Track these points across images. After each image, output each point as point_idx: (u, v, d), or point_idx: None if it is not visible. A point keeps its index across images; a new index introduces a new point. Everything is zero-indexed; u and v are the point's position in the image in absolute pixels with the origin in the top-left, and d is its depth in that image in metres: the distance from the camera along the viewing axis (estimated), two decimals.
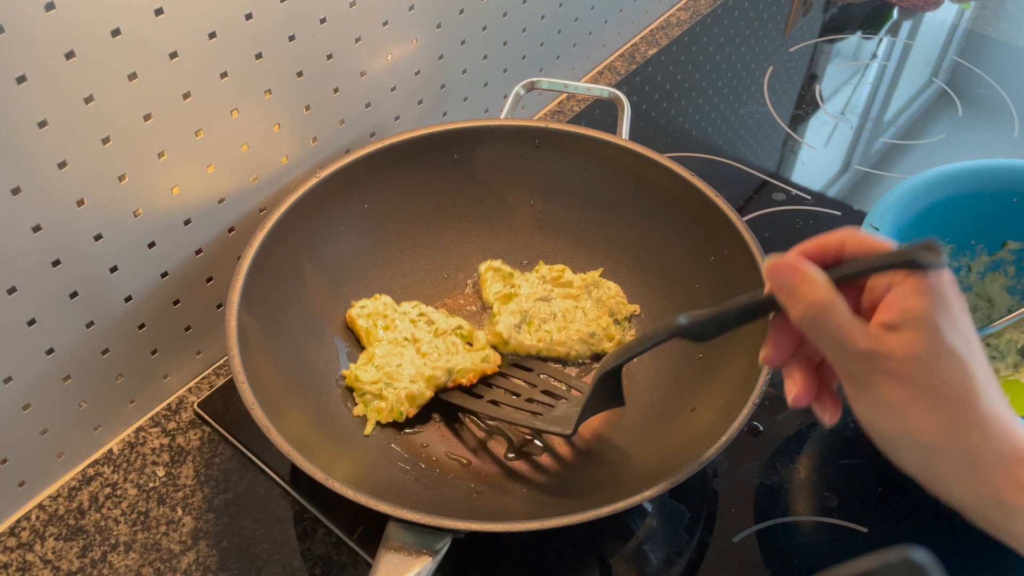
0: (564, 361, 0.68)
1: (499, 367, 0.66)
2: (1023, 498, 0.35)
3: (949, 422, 0.36)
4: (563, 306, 0.69)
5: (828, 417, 0.43)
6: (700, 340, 0.45)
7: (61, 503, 0.61)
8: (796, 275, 0.39)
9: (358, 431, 0.62)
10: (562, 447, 0.63)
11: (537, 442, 0.63)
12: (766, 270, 0.41)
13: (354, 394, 0.64)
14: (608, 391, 0.56)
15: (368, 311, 0.66)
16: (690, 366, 0.65)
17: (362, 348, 0.66)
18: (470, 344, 0.67)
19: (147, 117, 0.54)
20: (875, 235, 0.40)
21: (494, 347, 0.67)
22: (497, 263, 0.72)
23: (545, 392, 0.64)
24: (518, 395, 0.64)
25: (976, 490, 0.36)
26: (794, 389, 0.43)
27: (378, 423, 0.62)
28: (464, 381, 0.64)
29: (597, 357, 0.69)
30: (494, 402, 0.63)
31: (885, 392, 0.37)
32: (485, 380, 0.65)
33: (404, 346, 0.65)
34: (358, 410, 0.63)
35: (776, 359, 0.43)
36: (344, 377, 0.64)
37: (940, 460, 0.37)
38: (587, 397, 0.55)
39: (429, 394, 0.63)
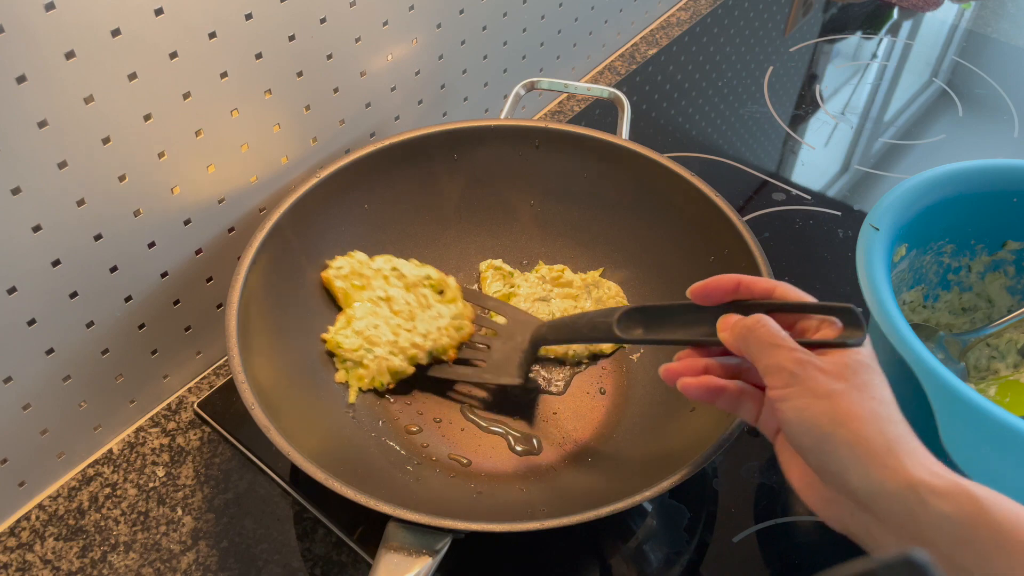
0: (563, 361, 0.68)
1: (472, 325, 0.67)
2: (935, 482, 0.37)
3: (874, 412, 0.39)
4: (562, 306, 0.70)
5: (690, 386, 0.47)
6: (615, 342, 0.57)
7: (61, 503, 0.61)
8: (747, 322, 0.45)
9: (359, 431, 0.62)
10: (562, 447, 0.63)
11: (535, 442, 0.63)
12: (715, 279, 0.47)
13: (335, 360, 0.64)
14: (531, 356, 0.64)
15: (344, 272, 0.66)
16: None
17: (338, 309, 0.67)
18: (440, 292, 0.67)
19: (147, 117, 0.54)
20: (799, 291, 0.46)
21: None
22: (497, 262, 0.72)
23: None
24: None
25: (892, 475, 0.38)
26: (671, 367, 0.49)
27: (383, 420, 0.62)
28: (446, 358, 0.65)
29: (595, 357, 0.69)
30: (464, 362, 0.66)
31: (817, 384, 0.40)
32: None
33: (380, 306, 0.65)
34: (340, 376, 0.64)
35: (680, 372, 0.48)
36: (325, 341, 0.64)
37: (863, 445, 0.39)
38: (525, 354, 0.63)
39: (411, 370, 0.64)
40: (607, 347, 0.68)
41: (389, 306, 0.65)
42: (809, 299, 0.45)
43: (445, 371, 0.65)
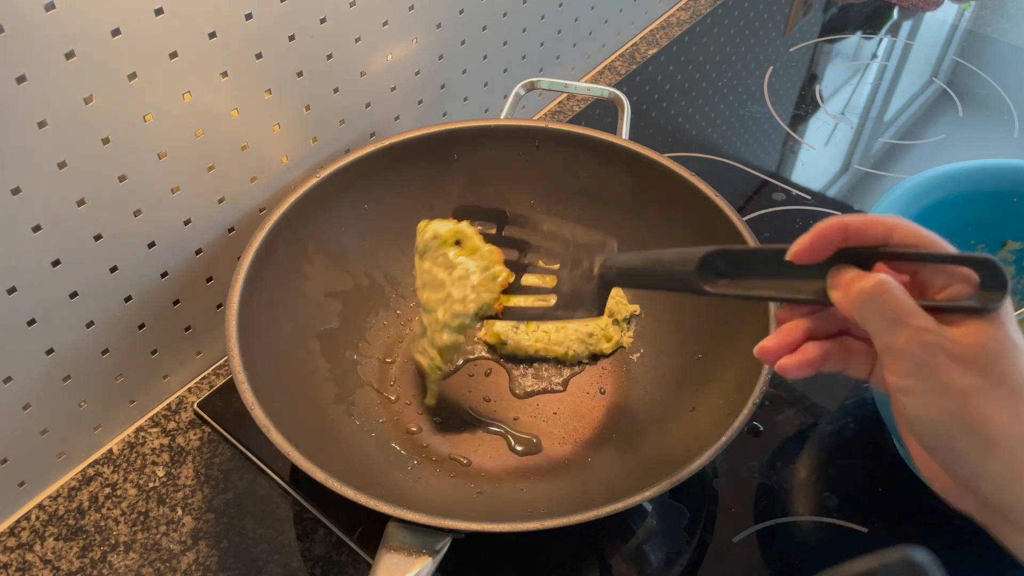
0: (563, 361, 0.68)
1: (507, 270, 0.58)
2: None
3: (1014, 414, 0.35)
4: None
5: (788, 366, 0.40)
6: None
7: (61, 503, 0.61)
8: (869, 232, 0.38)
9: (358, 431, 0.62)
10: (561, 447, 0.63)
11: (534, 441, 0.63)
12: (818, 231, 0.39)
13: (426, 379, 0.62)
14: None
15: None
16: (690, 366, 0.65)
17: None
18: (458, 244, 0.60)
19: (147, 117, 0.54)
20: (923, 229, 0.38)
21: (492, 346, 0.68)
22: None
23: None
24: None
25: None
26: (767, 343, 0.41)
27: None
28: (494, 312, 0.58)
29: (595, 357, 0.69)
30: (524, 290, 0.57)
31: (947, 378, 0.35)
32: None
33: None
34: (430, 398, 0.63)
35: (779, 351, 0.41)
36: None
37: (999, 454, 0.34)
38: (597, 285, 0.52)
39: (462, 339, 0.59)
40: (607, 347, 0.68)
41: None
42: (935, 244, 0.38)
43: (515, 314, 0.57)
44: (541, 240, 0.58)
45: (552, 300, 0.55)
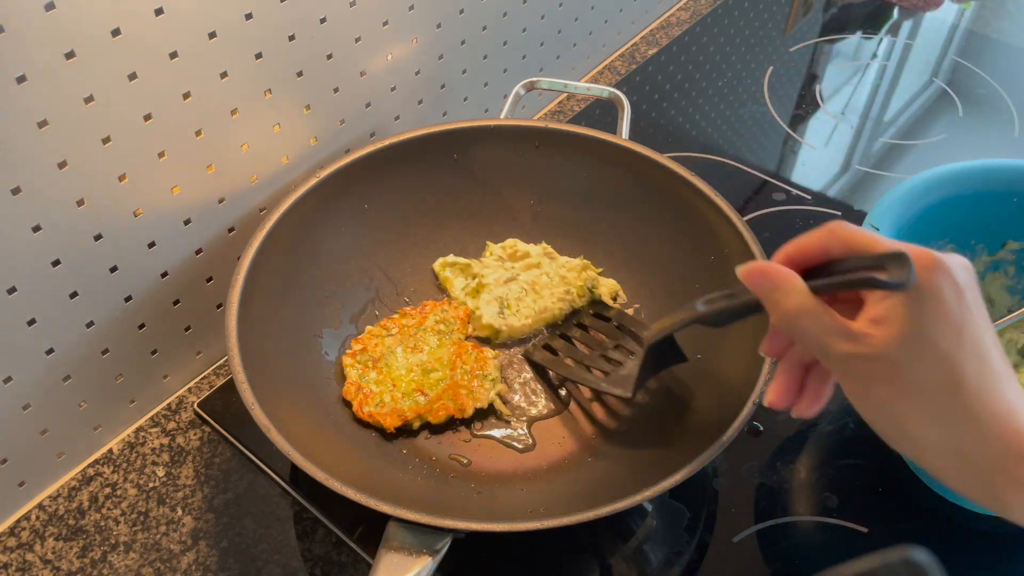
0: (556, 324, 0.69)
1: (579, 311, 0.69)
2: (1019, 495, 0.35)
3: (936, 419, 0.36)
4: (529, 278, 0.70)
5: (801, 410, 0.43)
6: (715, 326, 0.47)
7: (61, 503, 0.61)
8: (768, 282, 0.40)
9: (358, 431, 0.62)
10: (562, 447, 0.63)
11: (533, 441, 0.63)
12: (741, 275, 0.41)
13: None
14: (663, 355, 0.57)
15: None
16: (690, 366, 0.64)
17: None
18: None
19: (147, 117, 0.54)
20: (861, 231, 0.39)
21: (485, 338, 0.69)
22: (450, 258, 0.72)
23: (617, 347, 0.66)
24: (591, 348, 0.66)
25: (971, 486, 0.36)
26: (771, 393, 0.44)
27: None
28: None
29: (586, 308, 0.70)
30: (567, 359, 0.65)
31: (873, 393, 0.37)
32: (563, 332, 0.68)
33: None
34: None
35: (773, 351, 0.45)
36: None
37: (933, 456, 0.37)
38: (641, 364, 0.56)
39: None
40: (583, 301, 0.70)
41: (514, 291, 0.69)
42: (870, 244, 0.39)
43: (564, 369, 0.65)
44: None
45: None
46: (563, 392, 0.66)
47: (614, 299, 0.71)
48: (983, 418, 0.36)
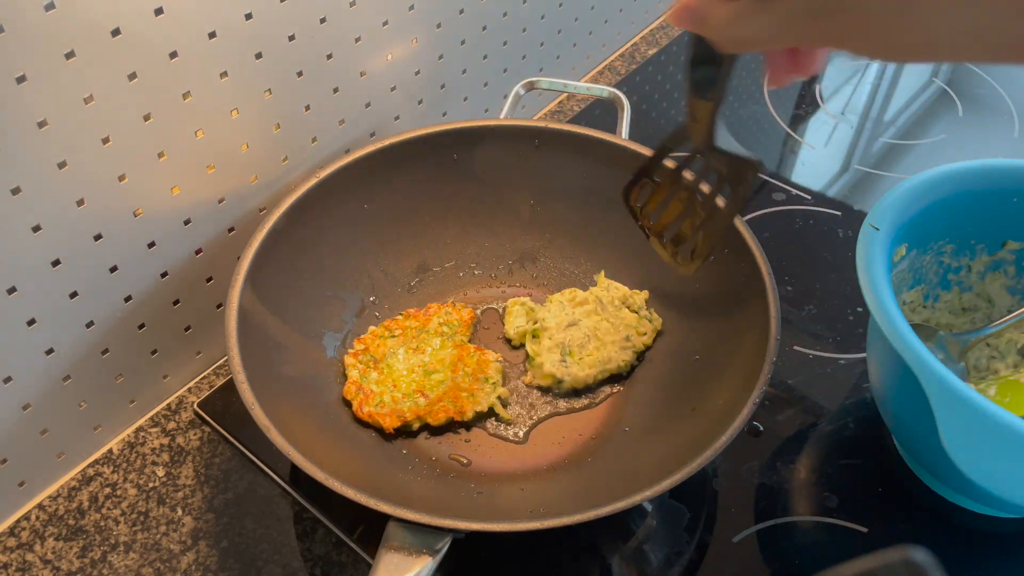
0: (619, 376, 0.67)
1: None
2: None
3: None
4: (590, 323, 0.67)
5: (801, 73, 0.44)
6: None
7: (61, 503, 0.61)
8: (690, 13, 0.40)
9: (358, 431, 0.62)
10: (562, 447, 0.63)
11: (533, 440, 0.63)
12: (672, 21, 0.42)
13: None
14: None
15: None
16: (690, 366, 0.65)
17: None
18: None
19: (147, 117, 0.54)
20: None
21: (545, 387, 0.67)
22: (524, 299, 0.70)
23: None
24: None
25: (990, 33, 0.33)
26: (770, 82, 0.46)
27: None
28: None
29: (642, 356, 0.68)
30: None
31: (861, 18, 0.35)
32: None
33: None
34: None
35: (776, 80, 0.46)
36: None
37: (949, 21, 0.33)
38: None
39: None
40: (646, 339, 0.67)
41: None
42: None
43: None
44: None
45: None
46: (563, 392, 0.66)
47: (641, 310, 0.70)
48: None
